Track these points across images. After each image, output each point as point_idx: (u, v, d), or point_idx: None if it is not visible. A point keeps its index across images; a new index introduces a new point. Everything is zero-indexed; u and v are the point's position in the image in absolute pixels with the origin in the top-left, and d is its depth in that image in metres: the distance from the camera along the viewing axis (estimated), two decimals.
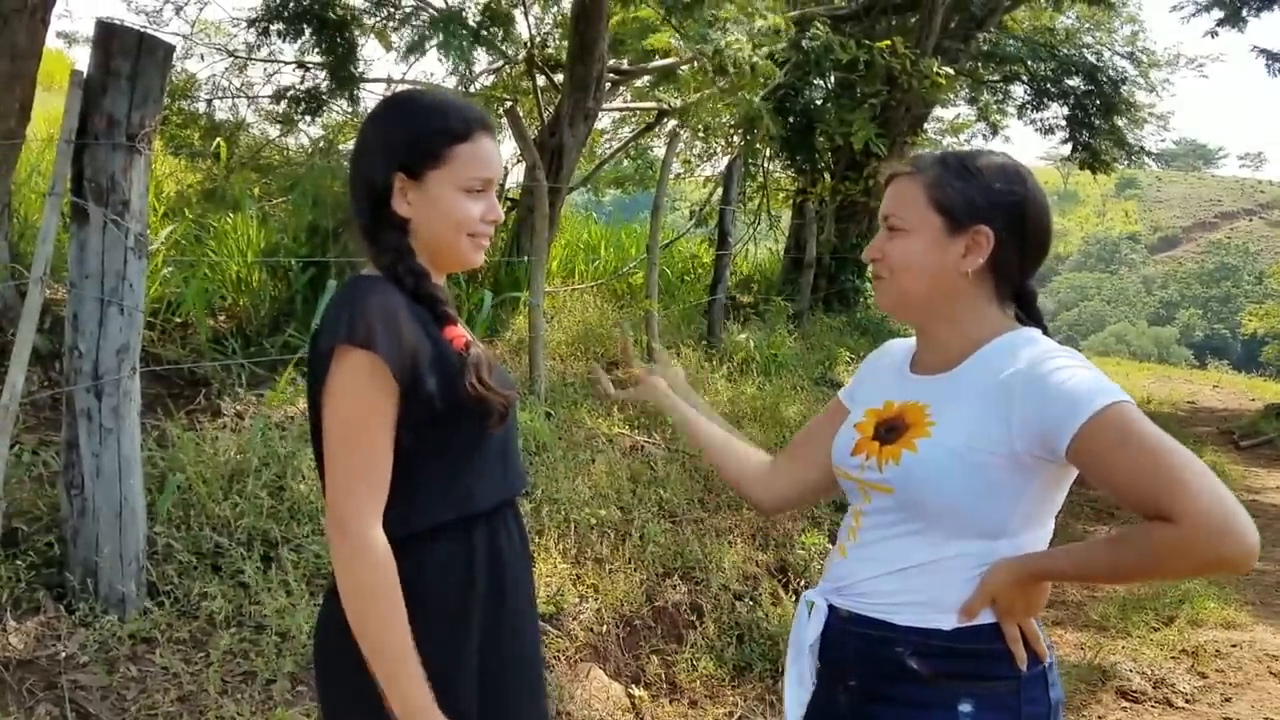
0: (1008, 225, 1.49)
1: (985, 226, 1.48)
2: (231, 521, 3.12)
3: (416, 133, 1.47)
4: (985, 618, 1.44)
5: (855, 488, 1.59)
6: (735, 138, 10.45)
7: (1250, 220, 79.44)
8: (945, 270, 1.50)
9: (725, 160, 10.60)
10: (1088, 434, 1.32)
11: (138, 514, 2.80)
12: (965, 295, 1.51)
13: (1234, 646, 4.39)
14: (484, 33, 4.63)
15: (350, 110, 6.87)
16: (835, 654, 1.56)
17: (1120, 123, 12.10)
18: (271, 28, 5.98)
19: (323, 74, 6.25)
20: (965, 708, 1.43)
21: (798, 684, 1.58)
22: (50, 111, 6.18)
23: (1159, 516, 1.29)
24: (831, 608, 1.57)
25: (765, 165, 11.20)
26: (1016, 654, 1.44)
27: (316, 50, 6.10)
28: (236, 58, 6.62)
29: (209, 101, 6.64)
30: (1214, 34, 11.30)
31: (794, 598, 4.13)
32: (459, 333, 1.47)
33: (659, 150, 12.23)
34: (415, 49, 5.13)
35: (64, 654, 2.55)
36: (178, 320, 4.77)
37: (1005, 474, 1.40)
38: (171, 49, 2.88)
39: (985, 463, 1.40)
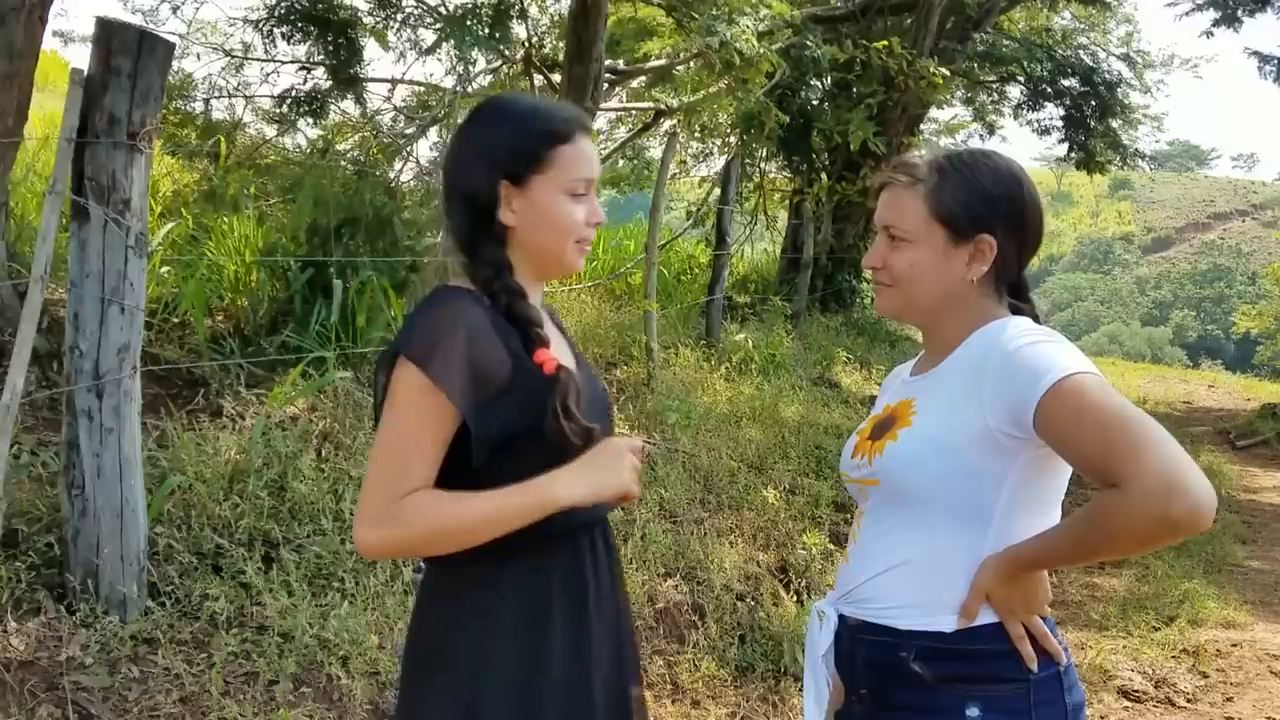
0: (1007, 229, 1.50)
1: (988, 236, 1.49)
2: (232, 522, 3.10)
3: (518, 138, 1.42)
4: (987, 617, 1.43)
5: (855, 490, 1.60)
6: (733, 138, 10.45)
7: (1243, 221, 79.65)
8: (950, 279, 1.51)
9: (721, 160, 10.62)
10: (1047, 405, 1.32)
11: (139, 514, 2.79)
12: (967, 297, 1.52)
13: (1234, 646, 4.39)
14: (495, 36, 4.63)
15: (355, 111, 6.86)
16: (847, 663, 1.55)
17: (1115, 124, 12.13)
18: (276, 30, 5.96)
19: (323, 75, 6.23)
20: (973, 712, 1.41)
21: (815, 698, 1.56)
22: (45, 111, 6.15)
23: (1111, 484, 1.27)
24: (841, 617, 1.56)
25: (762, 165, 11.20)
26: (1024, 653, 1.42)
27: (320, 52, 6.08)
28: (233, 57, 6.61)
29: (206, 101, 6.62)
30: (1209, 34, 11.34)
31: (795, 598, 4.12)
32: (549, 357, 1.40)
33: (654, 151, 12.24)
34: (430, 51, 5.11)
35: (65, 655, 2.53)
36: (175, 320, 4.75)
37: (984, 455, 1.40)
38: (172, 47, 2.87)
39: (962, 444, 1.41)
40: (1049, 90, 11.91)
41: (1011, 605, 1.42)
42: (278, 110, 6.50)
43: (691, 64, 6.37)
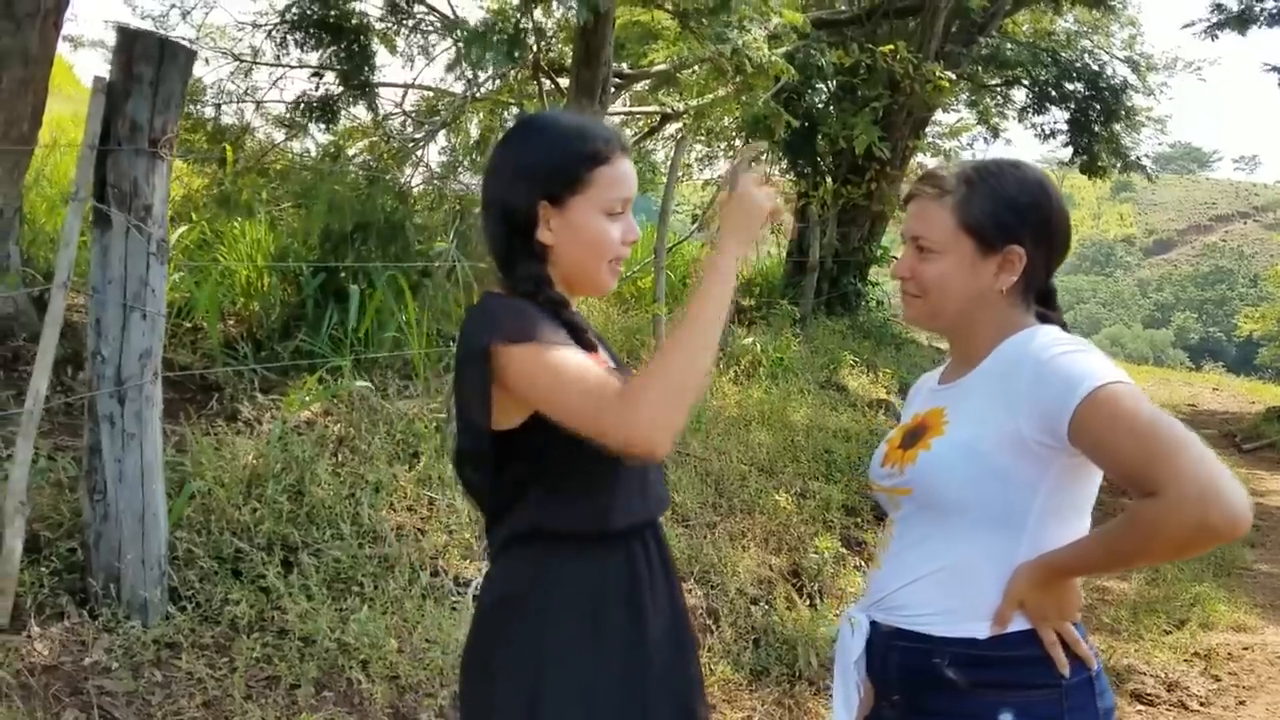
0: (1035, 239, 1.52)
1: (1017, 246, 1.50)
2: (251, 526, 3.11)
3: (559, 158, 1.43)
4: (1020, 624, 1.44)
5: (885, 498, 1.61)
6: (739, 141, 10.46)
7: (1245, 223, 79.70)
8: (979, 289, 1.52)
9: (727, 163, 10.60)
10: (1083, 414, 1.33)
11: (159, 519, 2.80)
12: (996, 306, 1.53)
13: (1246, 649, 4.40)
14: (513, 54, 4.64)
15: (366, 116, 6.88)
16: (879, 670, 1.56)
17: (1118, 128, 12.15)
18: (289, 38, 5.98)
19: (335, 80, 6.25)
20: (1006, 717, 1.42)
21: (844, 704, 1.57)
22: (52, 115, 6.17)
23: (1149, 493, 1.28)
24: (873, 624, 1.57)
25: (767, 169, 11.21)
26: (1056, 659, 1.43)
27: (332, 59, 6.10)
28: (243, 61, 6.63)
29: (216, 106, 6.64)
30: (1214, 36, 11.34)
31: (808, 602, 4.13)
32: (602, 358, 1.43)
33: (660, 153, 12.25)
34: (451, 68, 5.14)
35: (89, 660, 2.54)
36: (188, 325, 4.76)
37: (1017, 463, 1.41)
38: (193, 54, 2.89)
39: (995, 452, 1.42)
40: (1053, 94, 11.92)
41: (1045, 612, 1.43)
42: (289, 115, 6.51)
43: (698, 68, 6.39)
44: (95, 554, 2.73)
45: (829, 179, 10.33)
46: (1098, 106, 11.70)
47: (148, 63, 2.66)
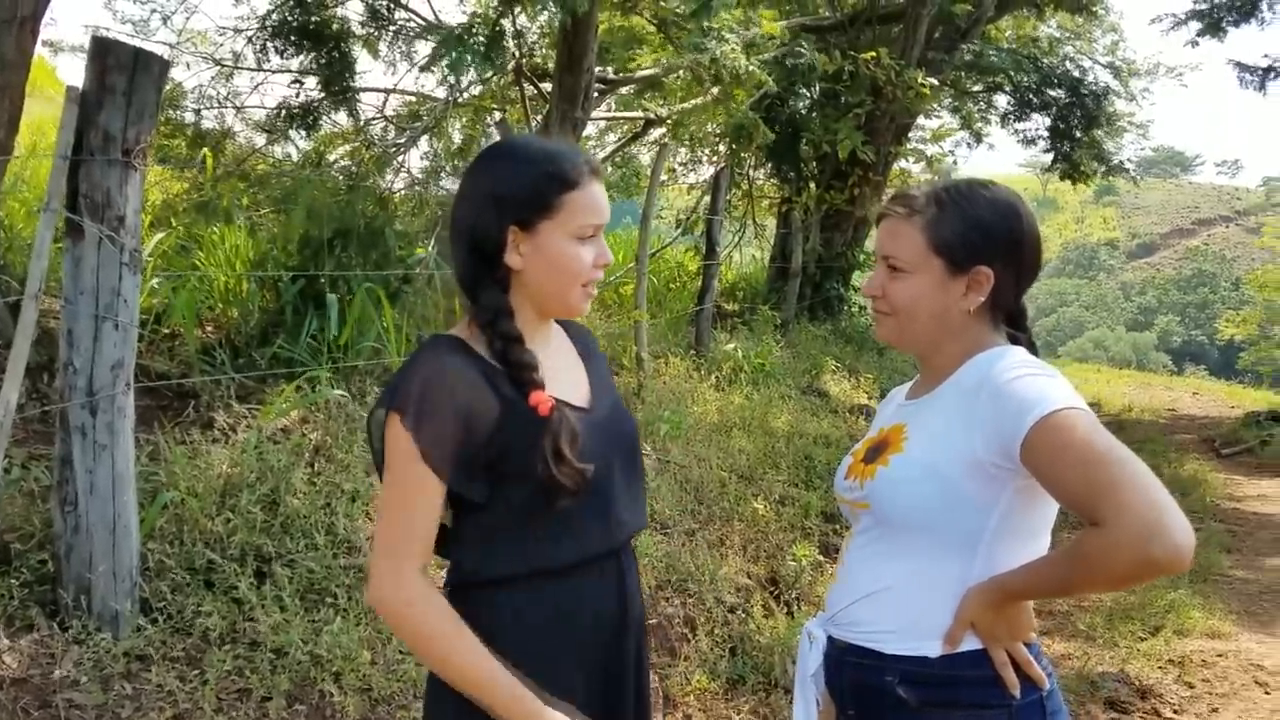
0: (1005, 260, 1.53)
1: (985, 267, 1.51)
2: (224, 537, 3.10)
3: (529, 183, 1.43)
4: (972, 644, 1.45)
5: (848, 510, 1.63)
6: (722, 147, 10.49)
7: (1227, 227, 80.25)
8: (948, 310, 1.54)
9: (710, 169, 10.65)
10: (1034, 439, 1.34)
11: (131, 530, 2.79)
12: (964, 326, 1.55)
13: (1219, 656, 4.42)
14: (491, 58, 4.64)
15: (347, 122, 6.86)
16: (834, 684, 1.58)
17: (1100, 134, 12.23)
18: (270, 44, 5.97)
19: (315, 87, 6.24)
20: None
21: (805, 716, 1.59)
22: (32, 118, 6.13)
23: (1094, 522, 1.29)
24: (830, 638, 1.59)
25: (750, 174, 11.24)
26: (1007, 680, 1.44)
27: (315, 65, 6.09)
28: (224, 66, 6.60)
29: (196, 111, 6.61)
30: (1194, 43, 11.44)
31: (786, 610, 4.14)
32: (544, 399, 1.41)
33: (644, 157, 12.27)
34: (427, 68, 5.13)
35: (58, 673, 2.53)
36: (165, 331, 4.74)
37: (972, 483, 1.42)
38: (168, 64, 2.88)
39: (952, 472, 1.43)
40: (1035, 100, 12.00)
41: (995, 633, 1.44)
42: (270, 121, 6.50)
43: (681, 73, 6.40)
44: (66, 566, 2.71)
45: (812, 184, 10.36)
46: (1079, 112, 11.78)
47: (121, 73, 2.65)
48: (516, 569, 1.42)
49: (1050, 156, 12.48)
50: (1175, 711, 3.90)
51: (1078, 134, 11.93)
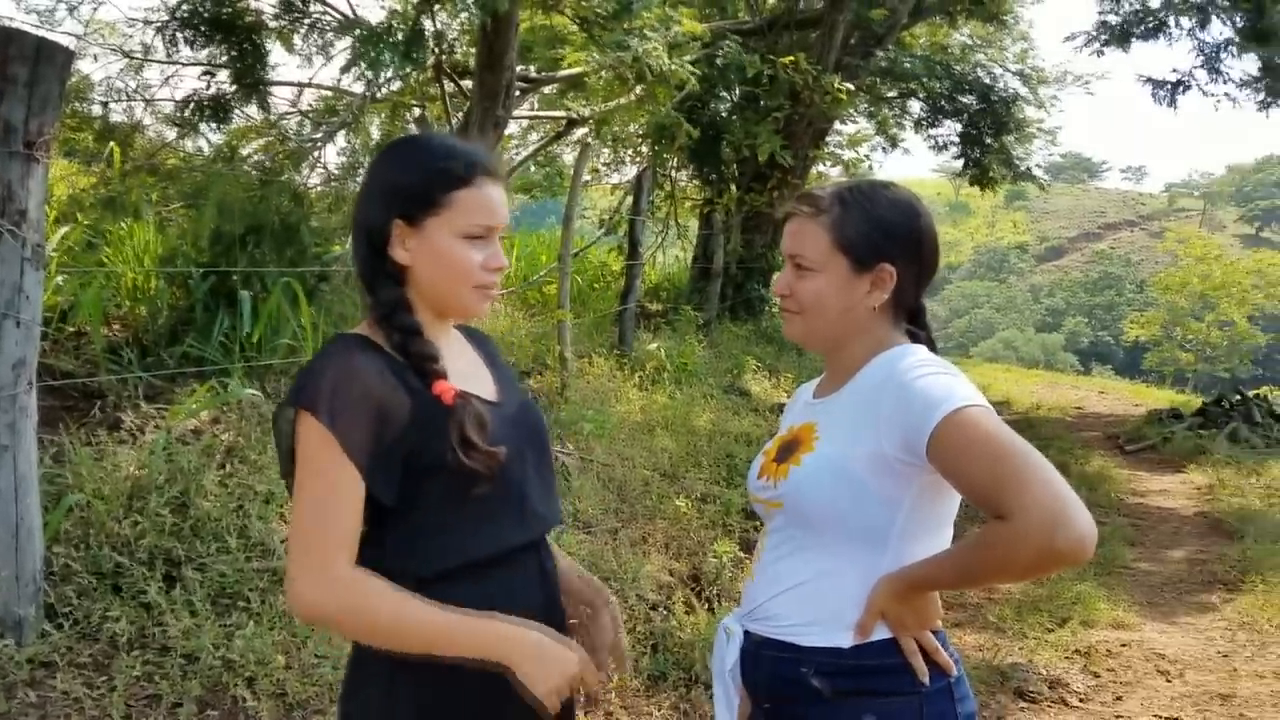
0: (906, 258, 1.57)
1: (889, 264, 1.55)
2: (132, 540, 3.02)
3: (416, 178, 1.42)
4: (882, 633, 1.49)
5: (761, 509, 1.66)
6: (644, 147, 10.53)
7: (1132, 231, 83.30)
8: (853, 307, 1.57)
9: (633, 169, 10.68)
10: (940, 435, 1.38)
11: (35, 534, 2.69)
12: (869, 324, 1.58)
13: (1124, 646, 4.59)
14: (413, 54, 4.58)
15: (260, 115, 6.71)
16: (751, 678, 1.60)
17: (1009, 140, 12.58)
18: (179, 35, 5.81)
19: (227, 79, 6.09)
20: None
21: (726, 709, 1.61)
22: None
23: (999, 515, 1.33)
24: (746, 633, 1.61)
25: (673, 175, 11.31)
26: (916, 667, 1.48)
27: (224, 56, 5.95)
28: (133, 59, 6.41)
29: (104, 104, 6.40)
30: (1100, 53, 11.82)
31: (707, 606, 4.18)
32: (446, 387, 1.40)
33: (567, 156, 12.25)
34: (346, 69, 5.03)
35: None
36: (70, 329, 4.59)
37: (880, 480, 1.46)
38: (71, 55, 2.79)
39: (860, 470, 1.47)
40: (947, 107, 12.29)
41: (904, 622, 1.48)
42: (180, 114, 6.32)
43: (604, 73, 6.42)
44: None
45: (733, 186, 10.46)
46: (989, 119, 12.10)
47: (23, 63, 2.56)
48: (439, 565, 1.40)
49: (961, 162, 12.79)
50: (1081, 700, 4.04)
51: (988, 140, 12.26)
